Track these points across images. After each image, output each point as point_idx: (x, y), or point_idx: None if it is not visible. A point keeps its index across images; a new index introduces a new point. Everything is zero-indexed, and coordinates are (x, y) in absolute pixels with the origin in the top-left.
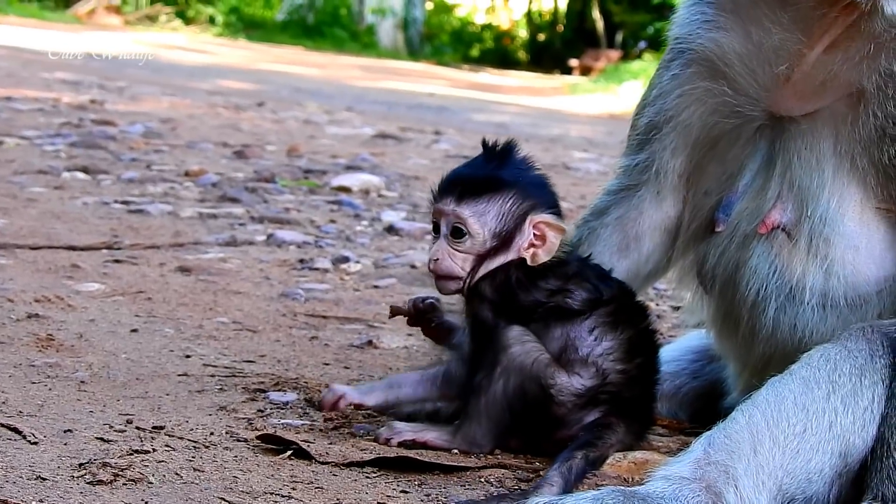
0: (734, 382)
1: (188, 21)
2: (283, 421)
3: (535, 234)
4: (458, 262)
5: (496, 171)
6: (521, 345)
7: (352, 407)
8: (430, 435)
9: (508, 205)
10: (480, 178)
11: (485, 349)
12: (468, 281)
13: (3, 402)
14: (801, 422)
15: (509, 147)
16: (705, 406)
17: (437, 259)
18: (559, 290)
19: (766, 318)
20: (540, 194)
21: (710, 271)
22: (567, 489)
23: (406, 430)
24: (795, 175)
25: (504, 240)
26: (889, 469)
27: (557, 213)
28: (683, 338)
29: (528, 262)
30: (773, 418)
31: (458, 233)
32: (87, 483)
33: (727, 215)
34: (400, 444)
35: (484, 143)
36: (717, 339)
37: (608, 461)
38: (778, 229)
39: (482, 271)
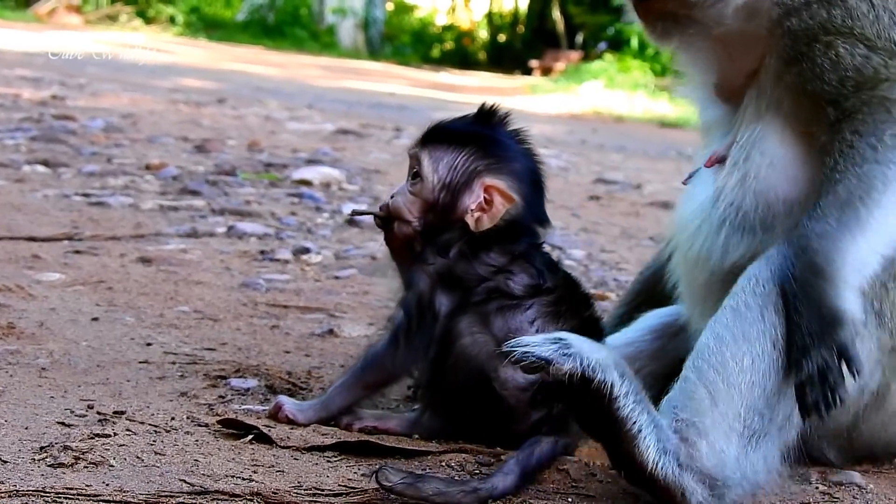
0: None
1: (149, 21)
2: (244, 406)
3: (484, 198)
4: (408, 205)
5: (462, 125)
6: (471, 336)
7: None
8: (392, 422)
9: (463, 159)
10: (448, 128)
11: (431, 328)
12: (416, 229)
13: None
14: (745, 353)
15: (498, 113)
16: (667, 388)
17: (393, 196)
18: (502, 269)
19: (701, 245)
20: (504, 162)
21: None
22: (525, 478)
23: (368, 417)
24: (741, 114)
25: (453, 194)
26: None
27: (519, 185)
28: (642, 318)
29: (471, 227)
30: (719, 363)
31: (415, 175)
32: (49, 466)
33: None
34: (361, 430)
35: (481, 106)
36: (679, 287)
37: None
38: (719, 163)
39: (429, 222)
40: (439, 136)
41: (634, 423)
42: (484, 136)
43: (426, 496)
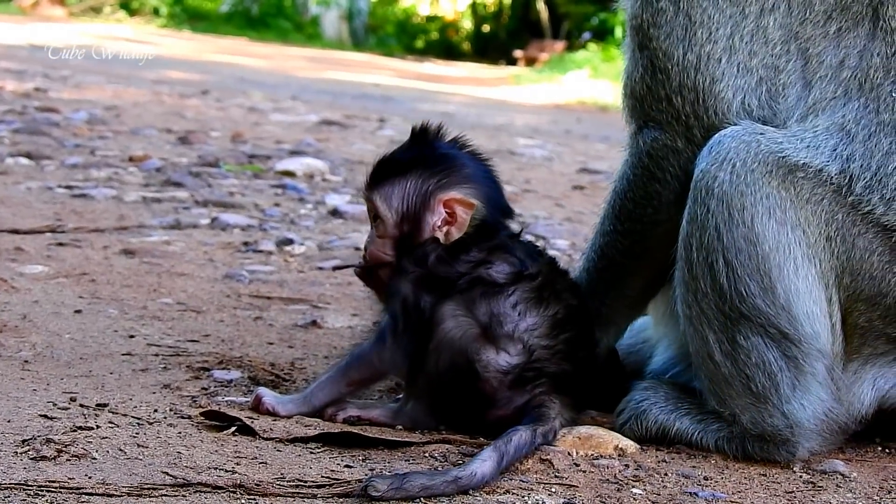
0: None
1: (132, 12)
2: (227, 398)
3: (446, 213)
4: (381, 248)
5: (400, 153)
6: (454, 318)
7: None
8: (376, 412)
9: (411, 185)
10: (388, 162)
11: (419, 325)
12: (393, 263)
13: None
14: None
15: (428, 129)
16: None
17: (367, 247)
18: (481, 261)
19: None
20: (451, 173)
21: None
22: (502, 464)
23: (351, 407)
24: None
25: (414, 220)
26: None
27: (474, 189)
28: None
29: (442, 241)
30: None
31: (375, 218)
32: (31, 458)
33: None
34: (345, 421)
35: (413, 129)
36: None
37: None
38: None
39: (403, 250)
40: (383, 173)
41: None
42: (424, 155)
43: (414, 495)
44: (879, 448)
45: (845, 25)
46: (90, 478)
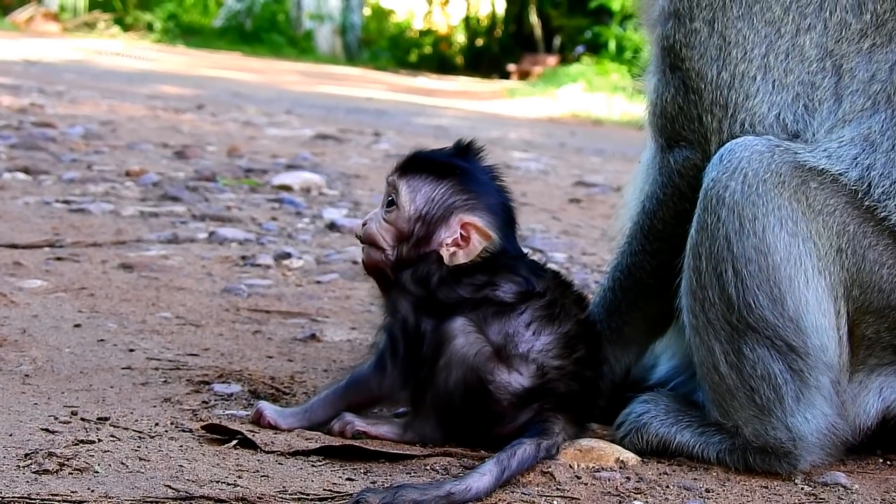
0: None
1: (126, 28)
2: (227, 412)
3: (461, 234)
4: (382, 232)
5: (441, 156)
6: (465, 336)
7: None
8: (383, 429)
9: (442, 192)
10: (429, 159)
11: (418, 350)
12: (389, 258)
13: None
14: None
15: (472, 147)
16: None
17: (366, 223)
18: (486, 283)
19: None
20: (481, 198)
21: None
22: (503, 478)
23: (358, 422)
24: None
25: (428, 226)
26: None
27: (495, 221)
28: None
29: (445, 260)
30: None
31: (391, 202)
32: (33, 472)
33: None
34: (353, 437)
35: (459, 141)
36: None
37: None
38: None
39: (403, 253)
40: (418, 165)
41: None
42: (462, 169)
43: None
44: (881, 460)
45: (879, 41)
46: (93, 491)
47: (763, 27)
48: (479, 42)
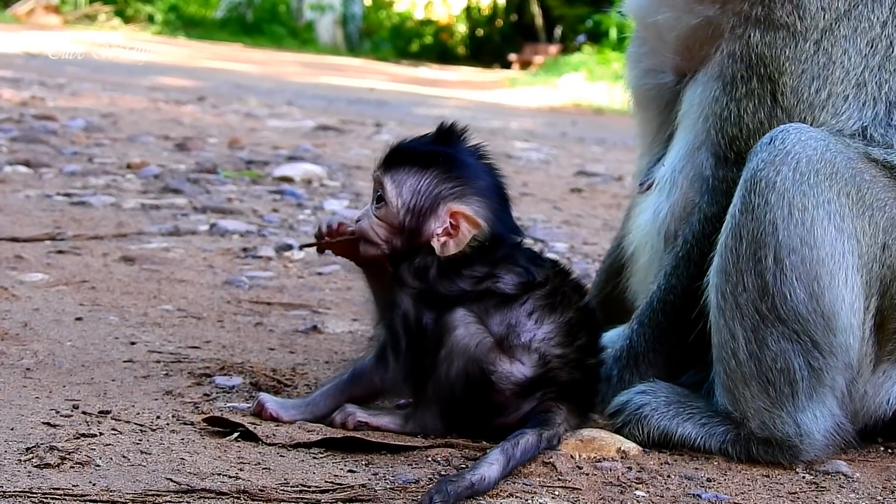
0: None
1: (127, 20)
2: (229, 404)
3: (450, 224)
4: (375, 228)
5: (422, 145)
6: (465, 327)
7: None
8: (384, 420)
9: (427, 182)
10: (411, 150)
11: (420, 343)
12: (384, 251)
13: None
14: None
15: (454, 130)
16: None
17: (359, 220)
18: (487, 275)
19: (648, 269)
20: (469, 183)
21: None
22: (509, 467)
23: (360, 413)
24: (676, 134)
25: (418, 218)
26: None
27: (487, 205)
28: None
29: (437, 251)
30: None
31: (379, 199)
32: (35, 466)
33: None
34: (354, 429)
35: (440, 125)
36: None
37: None
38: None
39: (397, 245)
40: (400, 158)
41: None
42: (446, 155)
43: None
44: (882, 448)
45: None
46: (94, 485)
47: (864, 46)
48: (480, 32)
